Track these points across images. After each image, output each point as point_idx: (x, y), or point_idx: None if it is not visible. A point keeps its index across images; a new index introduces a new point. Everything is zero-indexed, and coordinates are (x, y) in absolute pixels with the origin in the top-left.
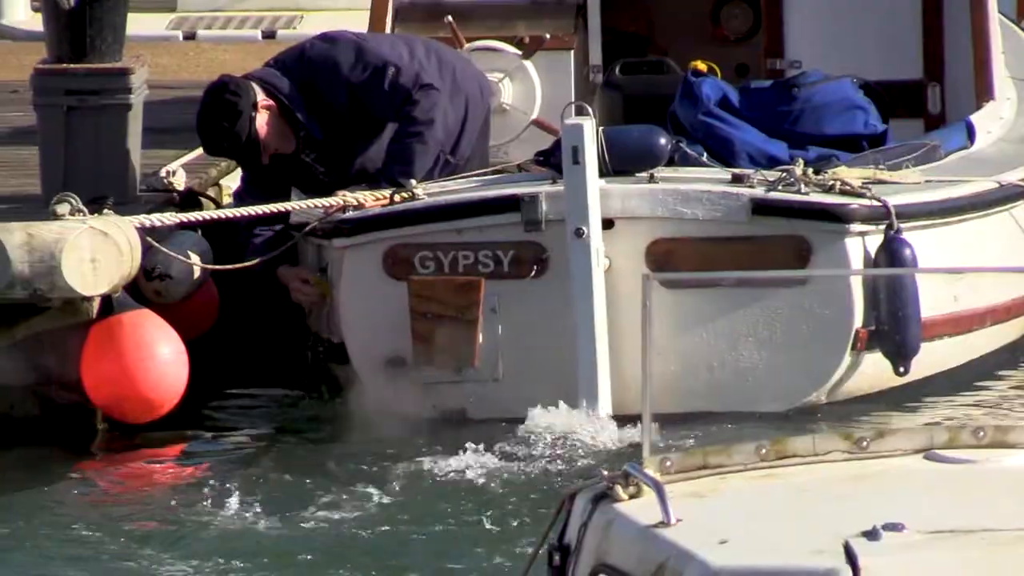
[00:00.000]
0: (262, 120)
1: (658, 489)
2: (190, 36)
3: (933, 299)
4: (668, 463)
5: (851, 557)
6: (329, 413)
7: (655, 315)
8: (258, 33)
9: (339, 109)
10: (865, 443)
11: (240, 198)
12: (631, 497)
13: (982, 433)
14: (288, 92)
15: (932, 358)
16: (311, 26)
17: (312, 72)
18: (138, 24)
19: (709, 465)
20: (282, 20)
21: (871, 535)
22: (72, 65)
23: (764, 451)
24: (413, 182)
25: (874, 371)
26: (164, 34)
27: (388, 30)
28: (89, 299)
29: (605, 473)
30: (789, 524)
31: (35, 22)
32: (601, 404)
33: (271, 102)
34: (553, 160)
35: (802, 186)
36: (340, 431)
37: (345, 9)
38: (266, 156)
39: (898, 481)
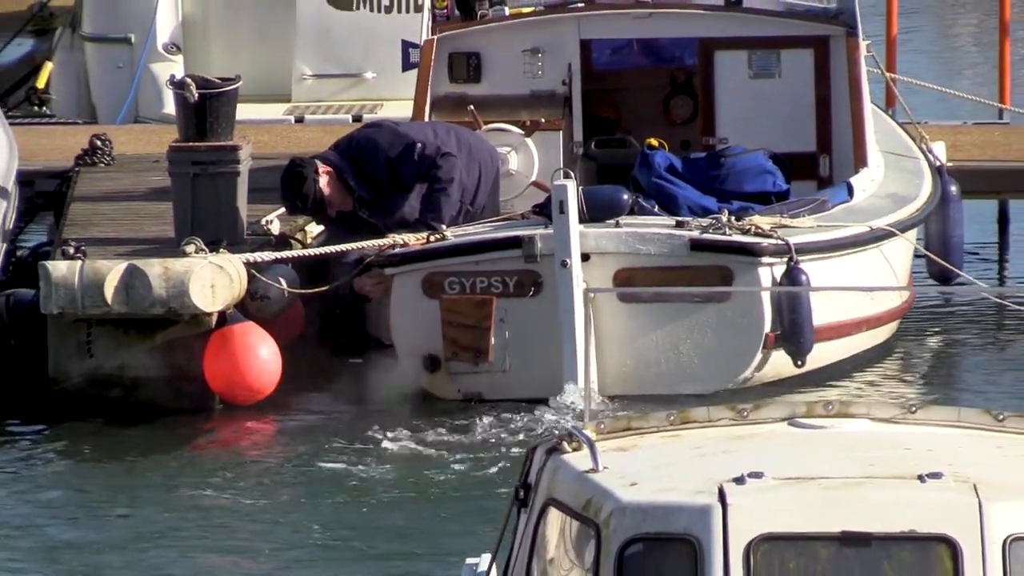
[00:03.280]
0: (323, 183)
1: (590, 445)
2: (299, 120)
3: (822, 312)
4: (602, 426)
5: (722, 496)
6: (383, 395)
7: (617, 322)
8: (349, 117)
9: (380, 177)
10: (745, 413)
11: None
12: (574, 450)
13: (831, 406)
14: (340, 164)
15: (822, 354)
16: (388, 111)
17: (358, 151)
18: (261, 111)
19: (632, 428)
20: (367, 107)
21: (739, 480)
22: (196, 143)
23: (672, 418)
24: (443, 227)
25: (778, 364)
26: (280, 118)
27: (426, 114)
28: (209, 314)
29: (556, 432)
30: (683, 471)
31: None
32: (579, 388)
33: (329, 169)
34: (546, 210)
35: (727, 230)
36: (390, 408)
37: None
38: (332, 211)
39: (766, 441)
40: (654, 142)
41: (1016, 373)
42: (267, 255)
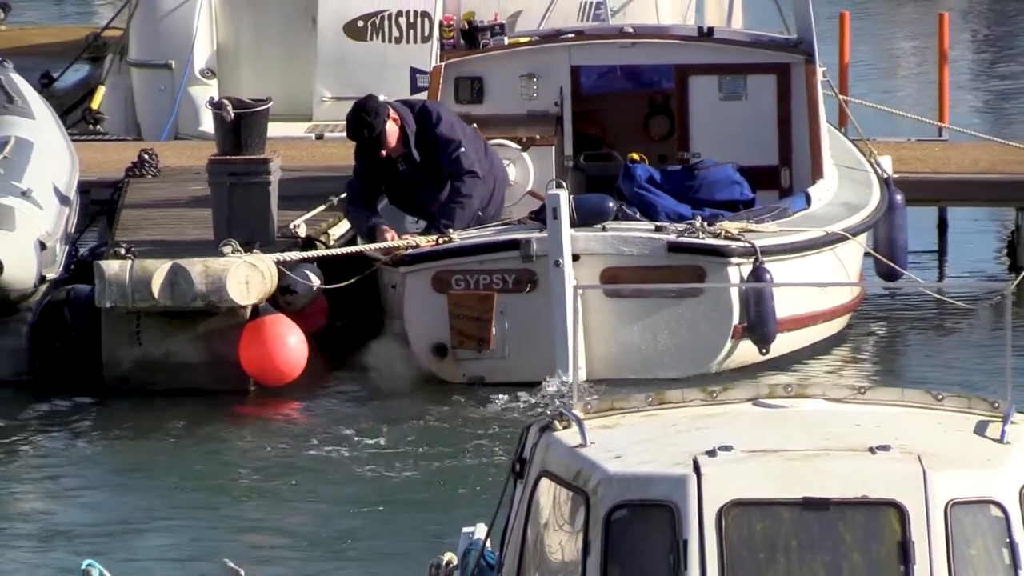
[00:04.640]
0: (390, 126)
1: (579, 423)
2: (319, 137)
3: (784, 306)
4: (589, 406)
5: (696, 466)
6: (397, 378)
7: (603, 315)
8: None
9: (431, 144)
10: (715, 394)
11: (350, 184)
12: (565, 428)
13: (790, 388)
14: (406, 117)
15: (784, 344)
16: None
17: (422, 116)
18: (285, 129)
19: (615, 408)
20: None
21: (711, 453)
22: (232, 156)
23: (650, 399)
24: (451, 231)
25: (745, 352)
26: (302, 136)
27: None
28: (244, 307)
29: (548, 412)
30: (661, 445)
31: None
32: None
33: (397, 117)
34: (541, 216)
35: (700, 234)
36: (404, 390)
37: None
38: (385, 151)
39: (734, 419)
40: (636, 156)
41: (952, 359)
42: (295, 255)
